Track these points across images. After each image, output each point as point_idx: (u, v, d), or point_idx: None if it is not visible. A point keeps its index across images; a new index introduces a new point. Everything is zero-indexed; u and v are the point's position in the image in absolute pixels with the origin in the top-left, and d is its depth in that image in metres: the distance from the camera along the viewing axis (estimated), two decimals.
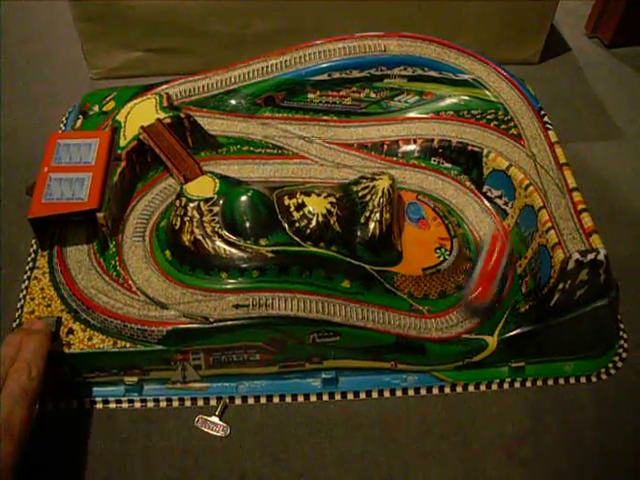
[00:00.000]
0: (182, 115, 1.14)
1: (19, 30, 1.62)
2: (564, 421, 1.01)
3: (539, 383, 1.04)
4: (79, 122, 1.19)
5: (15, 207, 1.22)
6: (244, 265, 0.97)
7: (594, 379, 1.05)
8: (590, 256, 0.93)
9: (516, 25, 1.45)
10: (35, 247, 1.13)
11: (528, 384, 1.04)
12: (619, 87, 1.52)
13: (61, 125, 1.34)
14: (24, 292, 1.08)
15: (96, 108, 1.20)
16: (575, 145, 1.35)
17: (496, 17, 1.43)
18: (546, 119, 1.14)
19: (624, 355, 1.07)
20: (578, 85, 1.52)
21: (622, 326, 1.09)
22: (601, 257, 0.93)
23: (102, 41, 1.43)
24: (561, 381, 1.04)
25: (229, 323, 0.94)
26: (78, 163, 1.06)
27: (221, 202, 1.00)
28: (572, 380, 1.05)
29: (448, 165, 1.18)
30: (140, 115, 1.13)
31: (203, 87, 1.22)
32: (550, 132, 1.12)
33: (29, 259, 1.14)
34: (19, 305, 1.08)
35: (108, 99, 1.22)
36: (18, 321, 1.05)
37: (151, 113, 1.14)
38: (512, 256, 1.05)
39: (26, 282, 1.10)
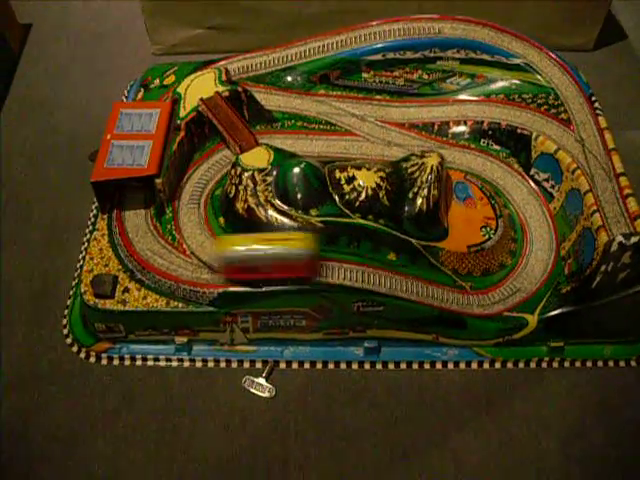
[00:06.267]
0: (240, 89, 1.18)
1: (84, 8, 1.68)
2: (602, 403, 1.02)
3: (577, 364, 1.05)
4: (140, 94, 1.23)
5: (79, 174, 1.27)
6: None
7: (634, 363, 1.06)
8: (634, 239, 0.94)
9: (572, 11, 1.45)
10: (95, 211, 1.18)
11: (566, 364, 1.05)
12: None
13: (123, 97, 1.38)
14: (83, 252, 1.14)
15: (157, 82, 1.25)
16: (626, 132, 1.36)
17: (552, 3, 1.43)
18: (597, 105, 1.15)
19: None
20: (631, 73, 1.51)
21: None
22: None
23: (165, 18, 1.47)
24: (600, 363, 1.06)
25: (277, 288, 0.97)
26: (139, 131, 1.10)
27: (274, 173, 1.03)
28: (611, 363, 1.06)
29: (497, 147, 1.20)
30: (200, 88, 1.17)
31: (261, 64, 1.25)
32: (600, 118, 1.13)
33: (89, 222, 1.19)
34: (79, 265, 1.13)
35: (169, 73, 1.26)
36: (77, 279, 1.10)
37: (210, 86, 1.17)
38: None
39: (86, 243, 1.15)
